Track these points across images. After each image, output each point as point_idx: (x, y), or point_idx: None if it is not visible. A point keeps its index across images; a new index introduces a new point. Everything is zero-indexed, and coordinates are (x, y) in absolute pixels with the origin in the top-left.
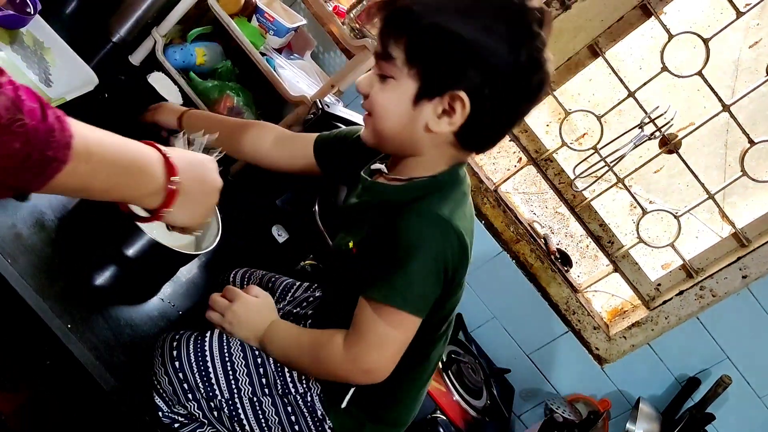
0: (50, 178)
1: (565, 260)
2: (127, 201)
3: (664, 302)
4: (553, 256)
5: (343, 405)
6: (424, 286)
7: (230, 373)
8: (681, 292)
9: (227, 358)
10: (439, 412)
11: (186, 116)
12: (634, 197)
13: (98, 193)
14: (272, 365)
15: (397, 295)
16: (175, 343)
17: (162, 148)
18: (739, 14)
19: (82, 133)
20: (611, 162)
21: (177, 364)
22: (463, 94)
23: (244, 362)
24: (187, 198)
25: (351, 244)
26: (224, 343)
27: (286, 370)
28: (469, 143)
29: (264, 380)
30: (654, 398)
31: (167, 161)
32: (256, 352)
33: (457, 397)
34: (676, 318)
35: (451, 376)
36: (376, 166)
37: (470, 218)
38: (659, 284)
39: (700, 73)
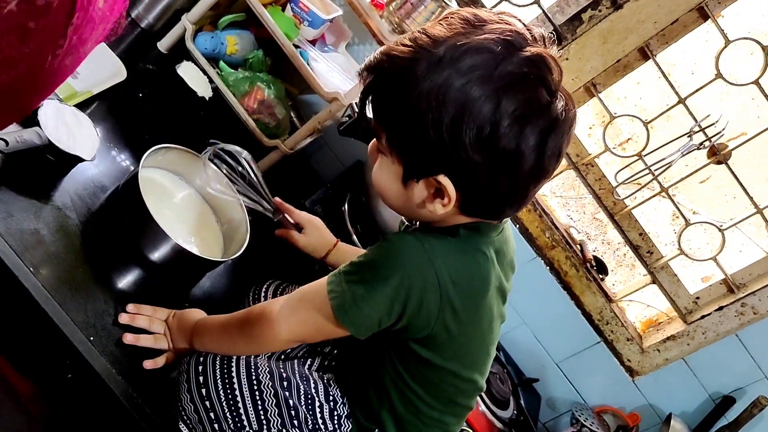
0: None
1: (601, 268)
2: None
3: (703, 317)
4: (588, 264)
5: None
6: (372, 309)
7: (259, 403)
8: (721, 308)
9: (255, 386)
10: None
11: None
12: (677, 207)
13: None
14: (302, 398)
15: (344, 308)
16: (201, 368)
17: None
18: None
19: None
20: (656, 170)
21: (204, 391)
22: (444, 180)
23: (272, 391)
24: None
25: None
26: (252, 369)
27: (317, 404)
28: (478, 215)
29: (293, 412)
30: (685, 415)
31: None
32: (285, 383)
33: (483, 407)
34: (714, 334)
35: None
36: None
37: (470, 275)
38: (698, 298)
39: (756, 82)
